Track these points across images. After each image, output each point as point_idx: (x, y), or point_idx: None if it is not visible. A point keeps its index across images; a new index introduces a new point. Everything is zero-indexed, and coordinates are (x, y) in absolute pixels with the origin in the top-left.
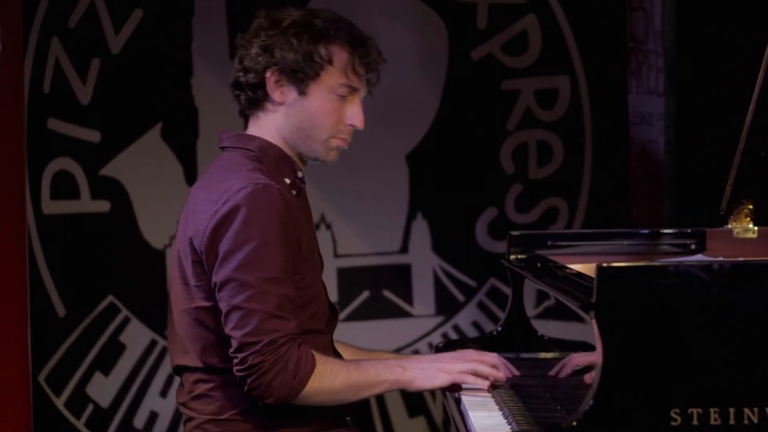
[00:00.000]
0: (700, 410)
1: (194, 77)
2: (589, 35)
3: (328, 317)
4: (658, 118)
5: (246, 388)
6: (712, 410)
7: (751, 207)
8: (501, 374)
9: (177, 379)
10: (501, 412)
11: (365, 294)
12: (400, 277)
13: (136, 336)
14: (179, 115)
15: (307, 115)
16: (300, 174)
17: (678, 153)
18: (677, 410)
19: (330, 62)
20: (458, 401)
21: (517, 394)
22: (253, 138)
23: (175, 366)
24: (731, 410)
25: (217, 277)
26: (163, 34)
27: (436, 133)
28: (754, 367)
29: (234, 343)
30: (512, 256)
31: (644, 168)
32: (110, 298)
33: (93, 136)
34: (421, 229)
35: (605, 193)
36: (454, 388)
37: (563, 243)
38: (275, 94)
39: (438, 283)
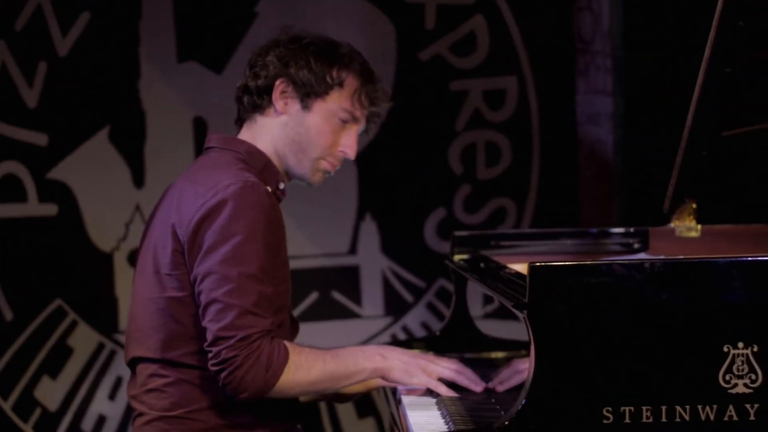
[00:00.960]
0: (632, 408)
1: (142, 80)
2: (536, 36)
3: (290, 330)
4: (607, 118)
5: (221, 383)
6: (644, 408)
7: (694, 206)
8: (478, 387)
9: (128, 376)
10: (439, 412)
11: (314, 295)
12: (348, 279)
13: (84, 339)
14: (127, 118)
15: (305, 129)
16: (282, 186)
17: (626, 153)
18: (609, 408)
19: (340, 85)
20: (399, 401)
21: (459, 393)
22: (242, 142)
23: (130, 358)
24: (663, 408)
25: (199, 269)
26: (111, 37)
27: (385, 134)
28: (684, 365)
29: (209, 336)
30: (456, 257)
31: (593, 168)
32: (58, 301)
33: (40, 139)
34: (369, 230)
35: (553, 193)
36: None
37: (507, 243)
38: (279, 103)
39: (387, 284)
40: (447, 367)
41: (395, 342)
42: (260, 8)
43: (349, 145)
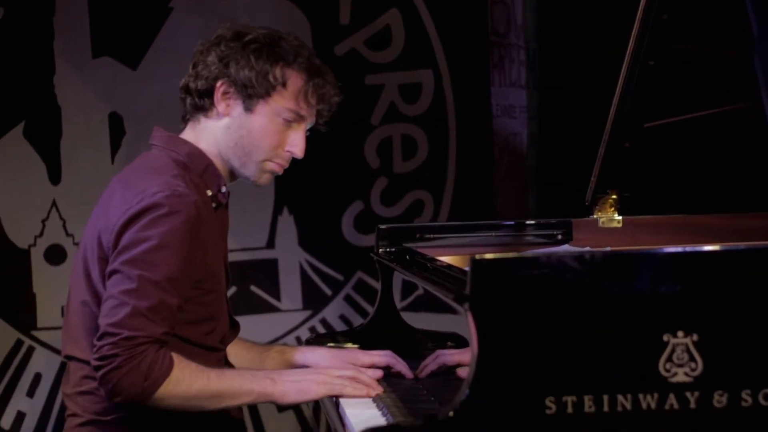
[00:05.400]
0: (574, 398)
1: (56, 76)
2: (451, 29)
3: (227, 333)
4: (521, 110)
5: (98, 382)
6: (586, 398)
7: (615, 197)
8: (377, 389)
9: (45, 380)
10: (375, 404)
11: (232, 290)
12: (267, 273)
13: (1, 337)
14: (42, 114)
15: (248, 132)
16: (224, 189)
17: (541, 145)
18: (552, 398)
19: (283, 85)
20: (336, 403)
21: (390, 386)
22: (185, 142)
23: (65, 355)
24: (605, 397)
25: (107, 268)
26: (25, 33)
27: None
28: (625, 354)
29: (99, 331)
30: (381, 250)
31: (508, 160)
32: None
33: None
34: (287, 224)
35: (470, 185)
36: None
37: (432, 235)
38: (221, 105)
39: (305, 278)
40: (342, 374)
41: (317, 335)
42: (175, 3)
43: (296, 144)
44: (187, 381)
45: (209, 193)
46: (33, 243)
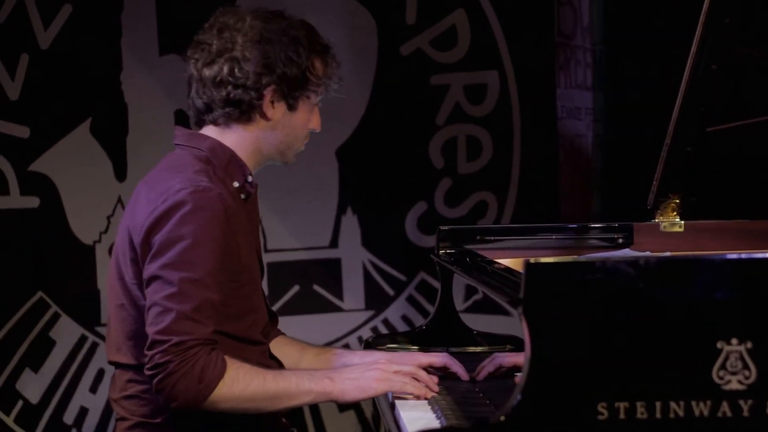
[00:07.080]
0: (626, 404)
1: (123, 73)
2: (517, 30)
3: (267, 325)
4: (587, 112)
5: (154, 389)
6: (638, 404)
7: (677, 201)
8: (435, 388)
9: (108, 375)
10: (430, 407)
11: (295, 288)
12: (330, 272)
13: (66, 332)
14: (109, 110)
15: (292, 128)
16: (250, 178)
17: (606, 147)
18: (604, 404)
19: (322, 77)
20: (392, 405)
21: (446, 389)
22: (206, 138)
23: (109, 361)
24: (657, 404)
25: (145, 273)
26: (93, 30)
27: (366, 128)
28: (678, 361)
29: (148, 340)
30: (441, 251)
31: (572, 162)
32: (39, 294)
33: (22, 131)
34: (350, 223)
35: (534, 187)
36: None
37: (492, 237)
38: (269, 111)
39: (368, 278)
40: (401, 369)
41: (378, 336)
42: (241, 2)
43: (317, 121)
44: (243, 382)
45: (236, 184)
46: (98, 239)
